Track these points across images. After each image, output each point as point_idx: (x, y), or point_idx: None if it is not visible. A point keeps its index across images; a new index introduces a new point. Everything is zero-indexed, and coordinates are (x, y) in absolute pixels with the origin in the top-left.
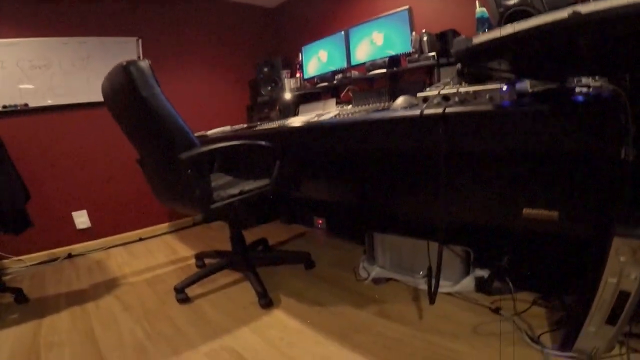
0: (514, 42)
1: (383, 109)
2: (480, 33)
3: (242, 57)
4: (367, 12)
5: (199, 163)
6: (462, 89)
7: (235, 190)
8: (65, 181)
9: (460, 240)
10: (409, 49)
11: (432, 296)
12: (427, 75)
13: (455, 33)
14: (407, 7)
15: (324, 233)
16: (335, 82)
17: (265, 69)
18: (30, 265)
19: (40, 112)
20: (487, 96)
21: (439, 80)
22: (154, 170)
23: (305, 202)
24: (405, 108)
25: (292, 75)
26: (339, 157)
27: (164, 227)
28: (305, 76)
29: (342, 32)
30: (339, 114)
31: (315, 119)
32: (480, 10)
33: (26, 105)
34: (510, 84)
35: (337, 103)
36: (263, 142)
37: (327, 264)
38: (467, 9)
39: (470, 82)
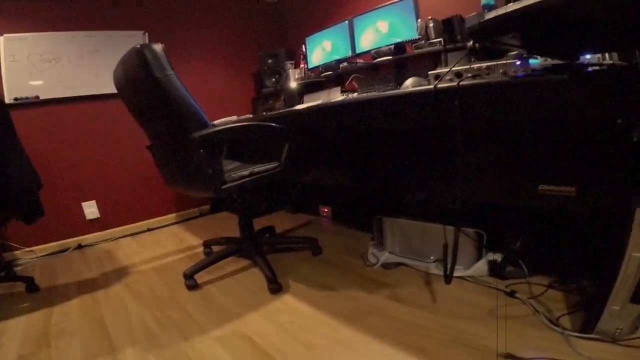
0: (526, 16)
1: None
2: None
3: (245, 50)
4: (370, 2)
5: (211, 143)
6: (475, 65)
7: (245, 172)
8: (74, 172)
9: (472, 222)
10: (414, 35)
11: (449, 276)
12: (434, 62)
13: (461, 19)
14: None
15: (330, 221)
16: (340, 70)
17: (269, 61)
18: (41, 256)
19: (51, 104)
20: (501, 71)
21: (446, 66)
22: (165, 153)
23: (310, 191)
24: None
25: (296, 66)
26: (347, 140)
27: (171, 217)
28: (310, 66)
29: (346, 22)
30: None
31: (324, 102)
32: None
33: (37, 97)
34: (523, 58)
35: (342, 92)
36: (273, 124)
37: (335, 251)
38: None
39: (482, 60)
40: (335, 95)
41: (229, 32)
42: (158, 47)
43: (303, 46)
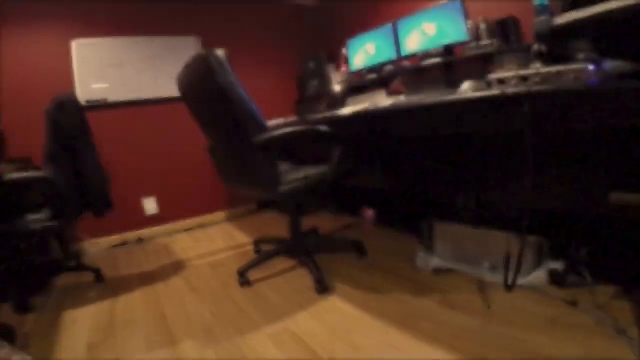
0: (606, 21)
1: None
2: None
3: (287, 53)
4: (413, 6)
5: (270, 147)
6: (544, 69)
7: (300, 175)
8: (137, 170)
9: (533, 230)
10: (464, 37)
11: (511, 284)
12: (486, 64)
13: (515, 20)
14: None
15: (373, 223)
16: (384, 73)
17: (311, 64)
18: (105, 248)
19: (117, 107)
20: (572, 76)
21: (501, 69)
22: (226, 155)
23: (353, 192)
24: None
25: (338, 69)
26: (396, 143)
27: (221, 215)
28: (352, 69)
29: (390, 25)
30: (394, 103)
31: (371, 106)
32: None
33: (105, 100)
34: (596, 63)
35: (388, 94)
36: (326, 128)
37: (380, 253)
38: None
39: (548, 64)
40: (381, 99)
41: (272, 36)
42: (221, 52)
43: (344, 49)
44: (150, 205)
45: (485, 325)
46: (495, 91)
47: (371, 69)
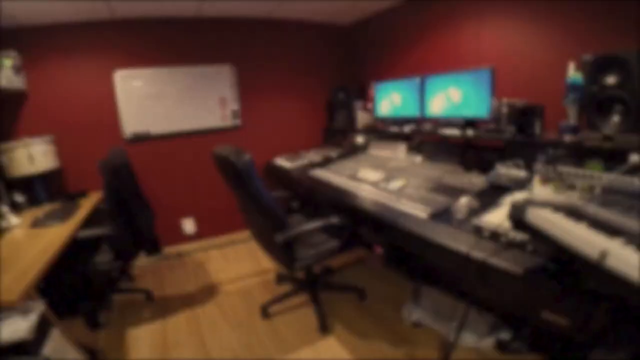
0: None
1: (444, 210)
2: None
3: (319, 79)
4: (446, 58)
5: (290, 241)
6: (512, 234)
7: (312, 251)
8: (177, 194)
9: (491, 309)
10: (485, 115)
11: None
12: (504, 147)
13: (537, 111)
14: (490, 66)
15: (381, 261)
16: (406, 131)
17: (340, 95)
18: (150, 261)
19: (158, 138)
20: (530, 247)
21: (511, 158)
22: (253, 224)
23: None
24: (463, 220)
25: (365, 107)
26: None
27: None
28: (378, 114)
29: (418, 79)
30: (402, 188)
31: (382, 185)
32: (573, 75)
33: (148, 132)
34: None
35: (408, 148)
36: (336, 221)
37: (378, 298)
38: (558, 70)
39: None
40: (401, 152)
41: (304, 60)
42: (247, 159)
43: (372, 85)
44: (188, 225)
45: None
46: (462, 248)
47: (395, 121)
